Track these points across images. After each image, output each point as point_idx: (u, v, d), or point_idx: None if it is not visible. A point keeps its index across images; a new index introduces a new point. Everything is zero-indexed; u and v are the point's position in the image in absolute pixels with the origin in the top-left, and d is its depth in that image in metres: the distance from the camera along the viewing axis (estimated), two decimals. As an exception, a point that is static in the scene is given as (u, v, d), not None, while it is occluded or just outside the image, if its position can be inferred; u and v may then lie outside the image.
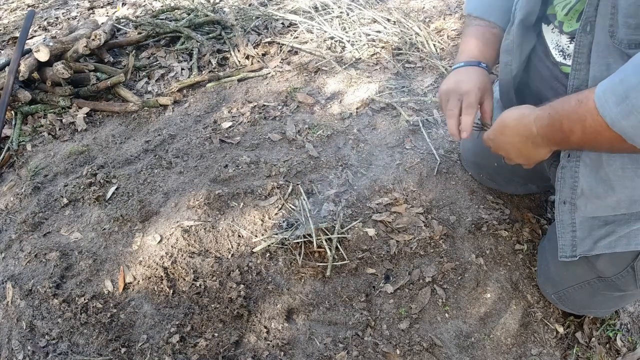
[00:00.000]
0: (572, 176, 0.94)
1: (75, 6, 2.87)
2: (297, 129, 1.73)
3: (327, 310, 1.23)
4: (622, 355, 1.24)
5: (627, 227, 0.95)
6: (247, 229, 1.37)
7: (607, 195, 0.90)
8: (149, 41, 2.35)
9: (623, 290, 1.05)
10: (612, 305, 1.18)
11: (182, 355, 1.14)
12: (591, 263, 1.05)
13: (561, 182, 0.97)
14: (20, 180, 1.65)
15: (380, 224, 1.39)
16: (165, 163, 1.62)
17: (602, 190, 0.90)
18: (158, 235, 1.36)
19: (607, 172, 0.87)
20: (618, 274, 1.02)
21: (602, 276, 1.06)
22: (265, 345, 1.16)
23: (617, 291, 1.07)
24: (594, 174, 0.90)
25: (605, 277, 1.05)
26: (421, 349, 1.17)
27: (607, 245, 0.98)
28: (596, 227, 0.99)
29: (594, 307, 1.20)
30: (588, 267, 1.07)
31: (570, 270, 1.11)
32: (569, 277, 1.13)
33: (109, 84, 1.95)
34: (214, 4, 2.61)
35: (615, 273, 1.02)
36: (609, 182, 0.88)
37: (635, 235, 0.95)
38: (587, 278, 1.09)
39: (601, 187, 0.90)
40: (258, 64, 2.13)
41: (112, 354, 1.15)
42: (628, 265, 0.99)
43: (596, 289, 1.09)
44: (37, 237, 1.42)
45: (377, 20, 2.38)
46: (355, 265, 1.30)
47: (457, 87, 1.03)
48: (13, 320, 1.22)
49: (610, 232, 0.97)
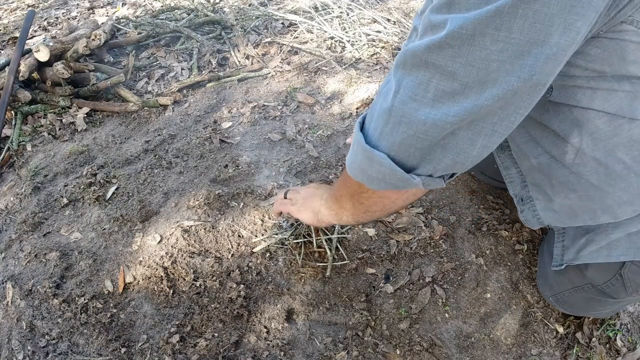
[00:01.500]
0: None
1: (75, 6, 2.87)
2: (297, 129, 1.73)
3: (327, 310, 1.23)
4: (622, 355, 1.24)
5: (605, 237, 0.96)
6: (247, 229, 1.37)
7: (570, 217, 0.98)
8: (149, 41, 2.35)
9: (615, 297, 1.05)
10: (609, 309, 1.18)
11: (182, 355, 1.14)
12: (581, 271, 1.06)
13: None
14: (20, 180, 1.65)
15: (380, 224, 1.39)
16: (165, 163, 1.62)
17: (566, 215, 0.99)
18: (158, 235, 1.36)
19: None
20: (607, 282, 1.02)
21: (593, 283, 1.06)
22: (265, 345, 1.16)
23: (610, 298, 1.07)
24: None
25: (596, 285, 1.05)
26: (421, 349, 1.17)
27: (589, 255, 0.99)
28: (578, 236, 1.02)
29: (592, 310, 1.20)
30: (580, 274, 1.07)
31: (565, 275, 1.12)
32: (565, 281, 1.13)
33: (109, 84, 1.95)
34: (214, 4, 2.61)
35: (604, 281, 1.03)
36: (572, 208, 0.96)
37: (616, 247, 0.95)
38: (580, 284, 1.09)
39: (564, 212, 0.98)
40: (258, 64, 2.13)
41: (112, 354, 1.15)
42: (616, 273, 0.99)
43: (590, 294, 1.09)
44: (37, 237, 1.42)
45: (377, 20, 2.38)
46: (355, 265, 1.30)
47: None
48: (13, 320, 1.22)
49: (590, 240, 0.98)
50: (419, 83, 0.62)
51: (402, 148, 0.67)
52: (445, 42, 0.58)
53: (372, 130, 0.71)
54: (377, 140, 0.69)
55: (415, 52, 0.62)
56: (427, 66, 0.61)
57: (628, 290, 1.00)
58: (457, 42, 0.57)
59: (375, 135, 0.70)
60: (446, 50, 0.58)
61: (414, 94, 0.63)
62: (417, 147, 0.66)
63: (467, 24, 0.55)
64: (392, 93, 0.66)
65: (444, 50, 0.58)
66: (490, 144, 0.65)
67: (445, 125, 0.62)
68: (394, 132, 0.66)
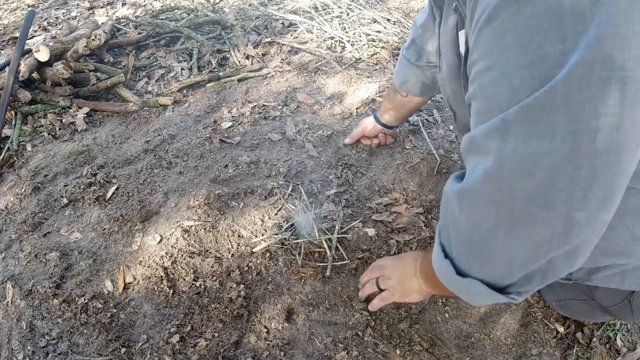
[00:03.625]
0: None
1: (75, 6, 2.87)
2: (297, 129, 1.73)
3: (327, 310, 1.23)
4: (622, 355, 1.24)
5: (620, 266, 0.93)
6: (247, 229, 1.37)
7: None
8: (149, 41, 2.35)
9: (619, 318, 1.04)
10: (611, 320, 1.18)
11: (182, 355, 1.14)
12: (590, 290, 1.04)
13: None
14: (20, 180, 1.65)
15: (380, 224, 1.39)
16: (165, 163, 1.62)
17: None
18: (158, 235, 1.36)
19: None
20: (615, 306, 1.00)
21: (600, 304, 1.05)
22: (265, 345, 1.16)
23: (615, 317, 1.06)
24: None
25: (603, 306, 1.04)
26: (421, 349, 1.17)
27: (601, 279, 0.96)
28: (592, 257, 0.99)
29: (595, 319, 1.20)
30: (588, 291, 1.05)
31: (573, 287, 1.10)
32: (570, 290, 1.11)
33: (109, 84, 1.95)
34: (214, 4, 2.61)
35: (612, 304, 1.01)
36: None
37: (630, 275, 0.93)
38: (587, 298, 1.07)
39: None
40: (258, 64, 2.13)
41: (112, 354, 1.15)
42: (625, 299, 0.98)
43: (594, 309, 1.07)
44: (37, 237, 1.42)
45: (377, 20, 2.38)
46: (355, 265, 1.30)
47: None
48: (13, 320, 1.22)
49: (604, 266, 0.95)
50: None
51: (497, 278, 0.69)
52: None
53: (459, 257, 0.73)
54: (468, 271, 0.72)
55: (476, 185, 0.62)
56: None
57: (635, 316, 0.99)
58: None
59: (465, 262, 0.72)
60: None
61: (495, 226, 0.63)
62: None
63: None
64: (467, 224, 0.67)
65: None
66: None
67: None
68: (485, 265, 0.68)
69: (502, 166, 0.57)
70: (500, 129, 0.57)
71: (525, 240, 0.60)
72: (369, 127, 1.59)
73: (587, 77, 0.50)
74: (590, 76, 0.50)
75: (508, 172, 0.57)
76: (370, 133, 1.59)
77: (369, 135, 1.60)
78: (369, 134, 1.59)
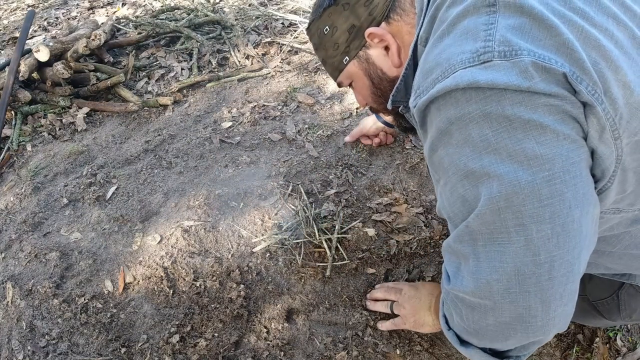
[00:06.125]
0: None
1: (75, 6, 2.88)
2: (297, 129, 1.73)
3: (327, 310, 1.23)
4: (622, 355, 1.24)
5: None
6: (247, 229, 1.37)
7: None
8: (149, 41, 2.35)
9: (607, 318, 1.05)
10: (603, 324, 1.18)
11: (182, 355, 1.14)
12: (582, 282, 1.04)
13: None
14: (20, 180, 1.65)
15: (380, 224, 1.39)
16: (165, 163, 1.62)
17: None
18: (158, 235, 1.36)
19: None
20: (603, 300, 1.02)
21: (588, 298, 1.05)
22: (265, 346, 1.16)
23: (603, 317, 1.06)
24: None
25: (591, 301, 1.04)
26: (421, 349, 1.17)
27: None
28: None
29: (587, 322, 1.20)
30: (581, 283, 1.06)
31: None
32: None
33: (109, 84, 1.95)
34: (214, 4, 2.61)
35: (599, 298, 1.02)
36: None
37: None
38: (579, 292, 1.08)
39: None
40: (258, 64, 2.13)
41: (112, 354, 1.15)
42: (614, 293, 0.99)
43: (586, 305, 1.08)
44: (37, 237, 1.42)
45: (377, 20, 2.37)
46: (355, 265, 1.30)
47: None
48: (13, 320, 1.22)
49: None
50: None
51: (495, 348, 0.78)
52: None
53: (461, 333, 0.80)
54: (469, 342, 0.80)
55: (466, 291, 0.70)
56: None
57: (622, 314, 1.00)
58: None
59: (465, 337, 0.80)
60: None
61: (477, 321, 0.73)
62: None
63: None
64: (461, 318, 0.76)
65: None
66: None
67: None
68: (482, 342, 0.77)
69: (480, 267, 0.66)
70: (468, 234, 0.67)
71: (513, 325, 0.68)
72: (369, 126, 1.59)
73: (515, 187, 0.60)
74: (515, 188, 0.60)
75: (486, 271, 0.65)
76: (371, 132, 1.59)
77: (370, 134, 1.60)
78: (370, 132, 1.59)
